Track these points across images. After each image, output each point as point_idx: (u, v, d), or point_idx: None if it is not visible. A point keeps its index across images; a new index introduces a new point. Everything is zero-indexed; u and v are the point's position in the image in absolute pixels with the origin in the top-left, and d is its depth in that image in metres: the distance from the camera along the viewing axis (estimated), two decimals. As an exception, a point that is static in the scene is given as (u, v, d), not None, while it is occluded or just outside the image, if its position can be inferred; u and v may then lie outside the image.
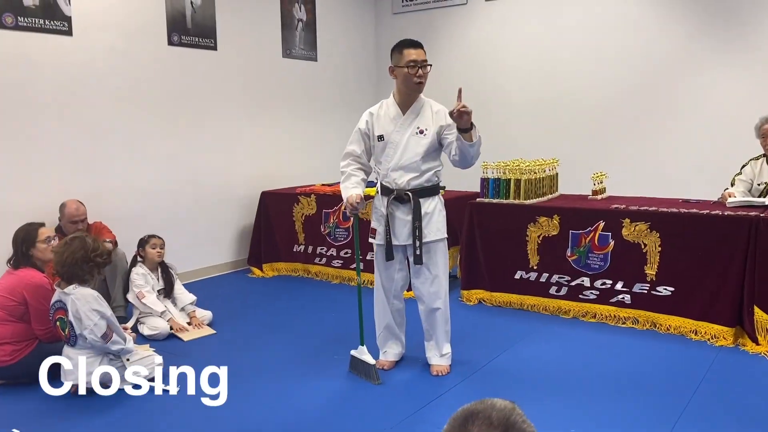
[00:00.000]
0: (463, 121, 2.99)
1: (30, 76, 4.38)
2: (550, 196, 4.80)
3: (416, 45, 3.24)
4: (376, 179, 3.46)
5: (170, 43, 5.25)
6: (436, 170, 3.29)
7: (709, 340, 3.81)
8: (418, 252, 3.22)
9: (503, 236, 4.58)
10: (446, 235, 3.35)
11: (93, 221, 4.56)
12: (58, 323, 3.16)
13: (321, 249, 5.56)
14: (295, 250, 5.72)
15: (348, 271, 5.30)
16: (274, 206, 5.77)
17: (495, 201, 4.64)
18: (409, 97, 3.29)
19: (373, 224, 3.43)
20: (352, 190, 3.33)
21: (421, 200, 3.25)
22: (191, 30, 5.40)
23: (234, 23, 5.77)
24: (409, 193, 3.23)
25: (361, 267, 3.62)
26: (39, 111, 4.44)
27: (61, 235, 4.38)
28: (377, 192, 3.41)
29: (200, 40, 5.48)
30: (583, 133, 6.23)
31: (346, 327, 3.49)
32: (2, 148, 4.28)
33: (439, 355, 3.42)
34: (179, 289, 4.35)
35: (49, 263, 3.45)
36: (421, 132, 3.23)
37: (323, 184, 5.85)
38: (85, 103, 4.70)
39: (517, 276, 4.55)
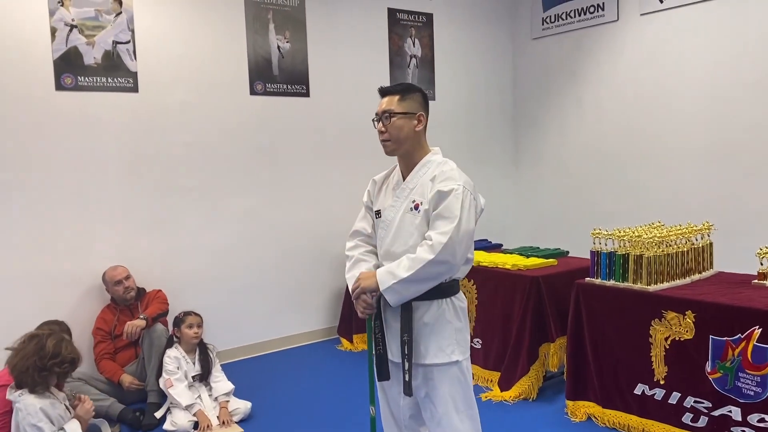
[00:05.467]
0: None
1: (93, 135, 4.18)
2: (695, 277, 3.44)
3: (382, 93, 2.33)
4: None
5: (252, 92, 4.83)
6: None
7: None
8: (406, 378, 2.23)
9: (619, 333, 3.35)
10: (460, 358, 2.28)
11: (151, 289, 4.24)
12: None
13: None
14: (388, 321, 4.93)
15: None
16: (369, 269, 5.03)
17: (609, 284, 3.41)
18: (404, 159, 2.37)
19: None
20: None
21: (417, 304, 2.26)
22: (278, 77, 4.94)
23: (330, 66, 5.20)
24: None
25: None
26: (102, 171, 4.23)
27: (114, 305, 4.12)
28: None
29: (289, 86, 5.00)
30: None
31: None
32: (65, 212, 4.12)
33: None
34: (217, 374, 3.80)
35: None
36: (416, 207, 2.28)
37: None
38: (153, 160, 4.42)
39: (637, 391, 3.28)
